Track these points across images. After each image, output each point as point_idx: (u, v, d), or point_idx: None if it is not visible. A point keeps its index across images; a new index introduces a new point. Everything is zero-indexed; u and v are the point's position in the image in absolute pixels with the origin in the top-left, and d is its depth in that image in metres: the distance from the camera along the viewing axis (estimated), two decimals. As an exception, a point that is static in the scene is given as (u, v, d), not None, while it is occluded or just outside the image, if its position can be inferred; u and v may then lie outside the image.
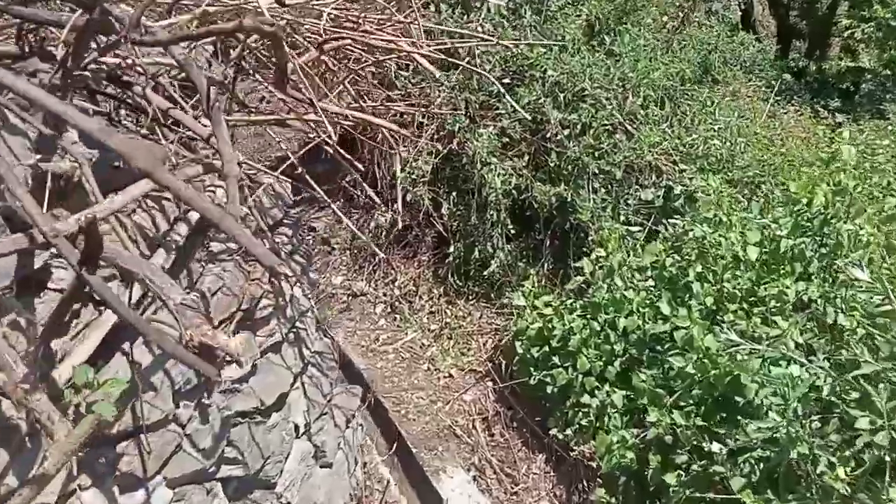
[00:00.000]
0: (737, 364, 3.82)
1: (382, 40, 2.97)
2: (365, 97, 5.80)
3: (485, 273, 6.41)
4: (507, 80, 6.79)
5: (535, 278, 6.23)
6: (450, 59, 6.20)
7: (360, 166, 5.15)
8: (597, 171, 5.87)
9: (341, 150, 4.94)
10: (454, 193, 6.88)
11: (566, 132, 5.98)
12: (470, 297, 6.60)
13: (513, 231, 6.39)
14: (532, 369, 5.17)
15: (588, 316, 4.95)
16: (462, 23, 6.96)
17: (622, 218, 6.04)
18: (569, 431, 4.91)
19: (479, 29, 7.01)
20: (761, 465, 3.72)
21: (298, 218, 4.96)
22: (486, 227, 6.43)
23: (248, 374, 3.61)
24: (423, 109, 6.05)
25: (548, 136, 6.14)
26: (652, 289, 4.76)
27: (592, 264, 5.08)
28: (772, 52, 12.70)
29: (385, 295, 6.88)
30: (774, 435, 3.38)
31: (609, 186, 6.12)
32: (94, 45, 2.63)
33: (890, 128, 8.22)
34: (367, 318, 6.73)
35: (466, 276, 6.68)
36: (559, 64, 6.36)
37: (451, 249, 6.66)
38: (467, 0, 7.23)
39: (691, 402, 4.09)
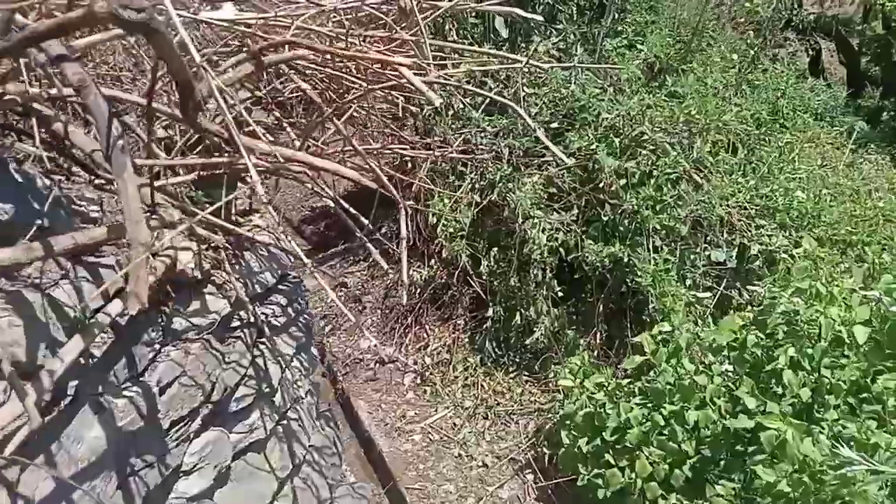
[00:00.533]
0: (850, 489, 2.87)
1: (366, 57, 2.25)
2: (370, 139, 5.08)
3: (527, 342, 5.55)
4: (555, 125, 6.04)
5: (586, 351, 5.34)
6: (493, 96, 5.50)
7: (364, 221, 4.40)
8: (658, 227, 4.99)
9: (344, 203, 4.23)
10: (495, 249, 6.09)
11: (622, 182, 5.14)
12: (510, 369, 5.73)
13: (560, 294, 5.53)
14: (580, 466, 4.25)
15: (649, 404, 4.03)
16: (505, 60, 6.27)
17: (688, 282, 5.12)
18: (625, 549, 3.97)
19: (526, 69, 6.31)
20: None
21: (299, 282, 4.22)
22: (529, 288, 5.59)
23: (214, 485, 2.84)
24: (440, 152, 5.30)
25: (601, 186, 5.31)
26: (730, 374, 3.82)
27: (654, 341, 4.17)
28: (843, 98, 11.69)
29: (416, 363, 6.07)
30: None
31: (673, 245, 5.23)
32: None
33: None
34: (394, 389, 5.92)
35: (506, 343, 5.82)
36: (615, 105, 5.57)
37: (490, 312, 5.83)
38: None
39: (787, 531, 3.13)
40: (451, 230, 6.18)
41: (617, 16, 7.22)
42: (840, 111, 10.87)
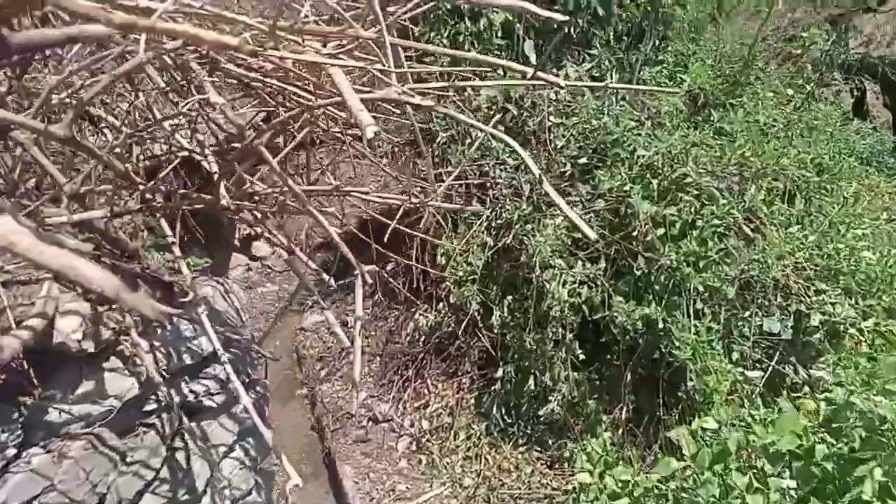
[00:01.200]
0: None
1: (285, 57, 1.52)
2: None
3: (541, 412, 4.72)
4: (583, 160, 5.26)
5: (608, 430, 4.50)
6: (475, 124, 4.78)
7: (368, 268, 3.65)
8: (701, 288, 4.15)
9: (343, 245, 3.49)
10: (509, 298, 5.29)
11: (660, 232, 4.32)
12: (519, 442, 4.89)
13: (581, 357, 4.70)
14: (596, 584, 3.40)
15: (686, 518, 3.17)
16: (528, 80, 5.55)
17: (734, 355, 4.27)
18: None
19: (554, 95, 5.55)
20: None
21: (249, 345, 3.47)
22: (545, 347, 4.77)
23: None
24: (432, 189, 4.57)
25: (634, 234, 4.50)
26: (792, 492, 2.96)
27: (694, 438, 3.32)
28: (889, 141, 10.75)
29: (412, 425, 5.26)
30: None
31: (717, 309, 4.38)
32: None
33: None
34: (386, 455, 5.11)
35: (517, 411, 4.99)
36: (653, 141, 4.78)
37: (500, 373, 5.01)
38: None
39: None
40: (462, 273, 5.41)
41: (657, 42, 6.46)
42: (888, 155, 10.00)
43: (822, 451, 2.95)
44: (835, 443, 3.01)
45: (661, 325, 4.11)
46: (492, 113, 5.95)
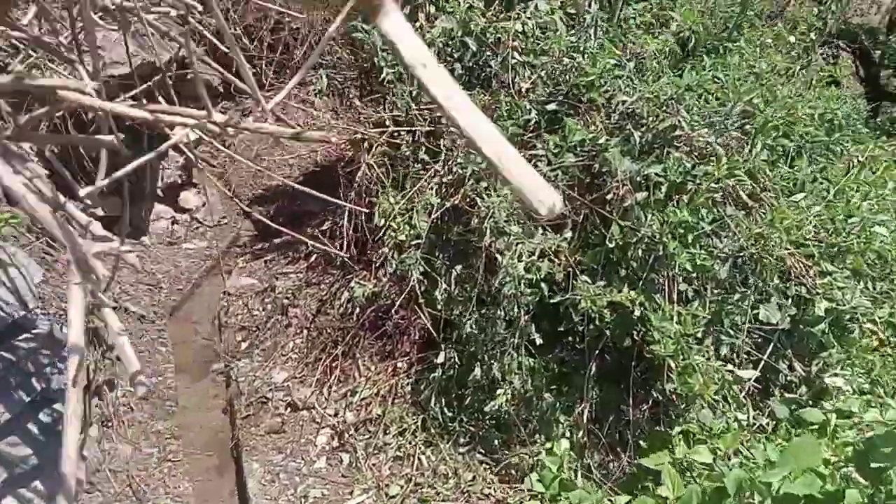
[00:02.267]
0: None
1: None
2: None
3: (487, 407, 3.89)
4: (552, 106, 4.36)
5: (568, 430, 3.70)
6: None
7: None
8: (689, 267, 3.31)
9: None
10: (458, 269, 4.43)
11: (640, 196, 3.47)
12: (461, 441, 4.07)
13: (539, 342, 3.87)
14: None
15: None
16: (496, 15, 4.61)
17: (723, 348, 3.47)
18: None
19: (521, 28, 4.61)
20: None
21: (46, 329, 2.56)
22: (495, 330, 3.93)
23: None
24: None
25: (609, 197, 3.64)
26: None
27: (678, 471, 2.51)
28: (864, 111, 10.07)
29: (336, 415, 4.41)
30: None
31: (703, 291, 3.57)
32: None
33: None
34: (302, 451, 4.26)
35: (459, 403, 4.16)
36: (637, 86, 3.89)
37: (441, 358, 4.17)
38: None
39: None
40: (403, 237, 4.52)
41: (643, -23, 5.53)
42: (862, 124, 9.32)
43: (854, 498, 2.16)
44: (868, 486, 2.23)
45: (635, 312, 3.27)
46: (448, 49, 5.00)
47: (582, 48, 4.42)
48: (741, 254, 3.55)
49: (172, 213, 7.57)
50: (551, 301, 3.59)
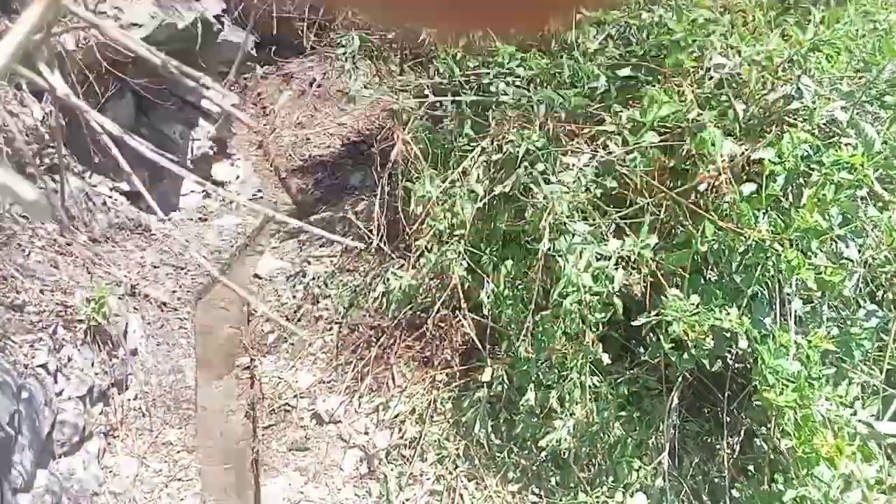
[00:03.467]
0: None
1: None
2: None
3: (542, 441, 3.15)
4: (625, 72, 3.52)
5: (643, 473, 2.95)
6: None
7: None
8: (813, 285, 2.48)
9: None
10: (507, 265, 3.68)
11: (747, 189, 2.63)
12: (510, 476, 3.35)
13: (607, 361, 3.10)
14: None
15: None
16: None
17: (853, 387, 2.64)
18: None
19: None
20: None
21: None
22: (553, 344, 3.18)
23: None
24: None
25: (702, 189, 2.81)
26: None
27: None
28: None
29: (366, 432, 3.74)
30: None
31: (820, 309, 2.73)
32: None
33: None
34: (326, 474, 3.61)
35: (509, 430, 3.44)
36: (737, 44, 3.02)
37: (487, 376, 3.44)
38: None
39: None
40: (444, 226, 3.78)
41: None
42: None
43: None
44: None
45: (742, 343, 2.47)
46: None
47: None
48: (872, 262, 2.70)
49: (204, 186, 6.98)
50: (631, 323, 2.80)
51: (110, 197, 5.97)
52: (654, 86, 3.28)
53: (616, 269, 2.75)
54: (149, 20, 5.56)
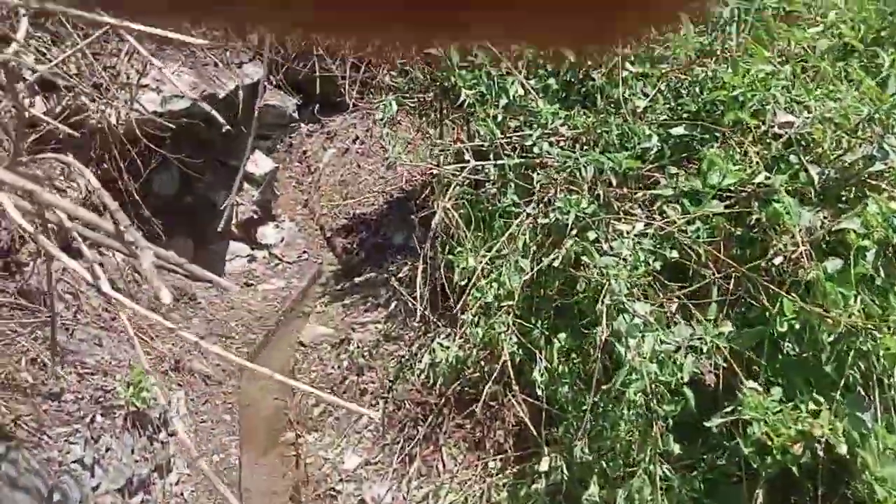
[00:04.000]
0: None
1: None
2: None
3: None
4: (678, 130, 3.26)
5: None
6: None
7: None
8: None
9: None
10: (561, 337, 3.40)
11: (831, 265, 2.31)
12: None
13: (678, 452, 2.77)
14: None
15: None
16: None
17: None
18: None
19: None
20: None
21: None
22: (618, 434, 2.86)
23: None
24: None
25: (776, 263, 2.50)
26: None
27: None
28: None
29: (415, 527, 3.47)
30: None
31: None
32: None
33: None
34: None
35: (571, 527, 3.12)
36: (804, 98, 2.72)
37: (545, 466, 3.13)
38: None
39: None
40: (490, 298, 3.53)
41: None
42: None
43: None
44: None
45: (841, 449, 2.13)
46: (540, 61, 3.98)
47: (717, 51, 3.29)
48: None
49: (249, 250, 6.90)
50: (704, 424, 2.48)
51: (156, 266, 5.90)
52: (711, 145, 3.00)
53: (686, 356, 2.44)
54: (189, 91, 5.54)
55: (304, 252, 7.24)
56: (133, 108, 5.09)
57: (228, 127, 1.96)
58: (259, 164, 6.93)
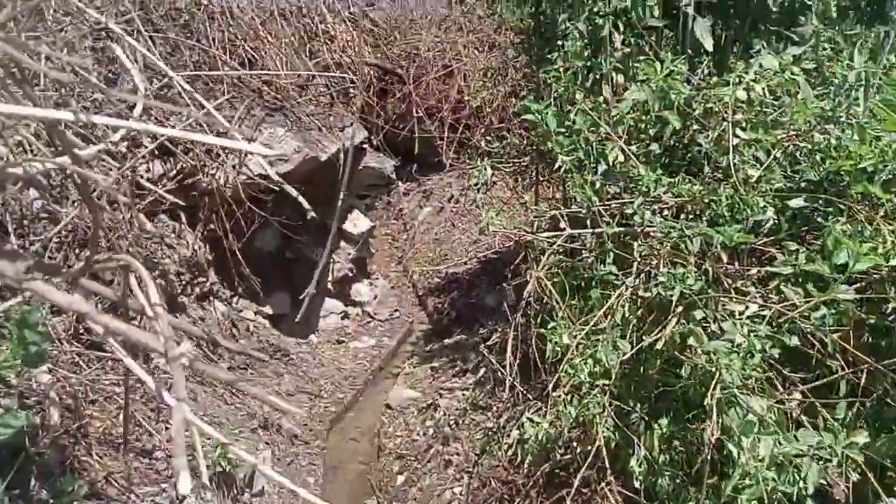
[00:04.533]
0: None
1: None
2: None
3: None
4: (796, 203, 2.97)
5: None
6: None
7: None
8: None
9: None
10: (662, 423, 3.09)
11: None
12: None
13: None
14: None
15: None
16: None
17: None
18: None
19: (744, 95, 3.28)
20: None
21: None
22: (727, 540, 2.53)
23: None
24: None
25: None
26: None
27: None
28: None
29: None
30: None
31: None
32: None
33: None
34: None
35: None
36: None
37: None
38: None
39: None
40: (584, 377, 3.28)
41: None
42: None
43: None
44: None
45: None
46: (642, 126, 3.81)
47: (840, 117, 3.00)
48: None
49: (343, 307, 6.93)
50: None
51: (253, 321, 6.01)
52: (837, 220, 2.69)
53: (811, 462, 2.12)
54: (293, 154, 5.69)
55: (396, 310, 7.20)
56: (240, 171, 5.27)
57: (313, 214, 1.90)
58: (357, 223, 7.00)
